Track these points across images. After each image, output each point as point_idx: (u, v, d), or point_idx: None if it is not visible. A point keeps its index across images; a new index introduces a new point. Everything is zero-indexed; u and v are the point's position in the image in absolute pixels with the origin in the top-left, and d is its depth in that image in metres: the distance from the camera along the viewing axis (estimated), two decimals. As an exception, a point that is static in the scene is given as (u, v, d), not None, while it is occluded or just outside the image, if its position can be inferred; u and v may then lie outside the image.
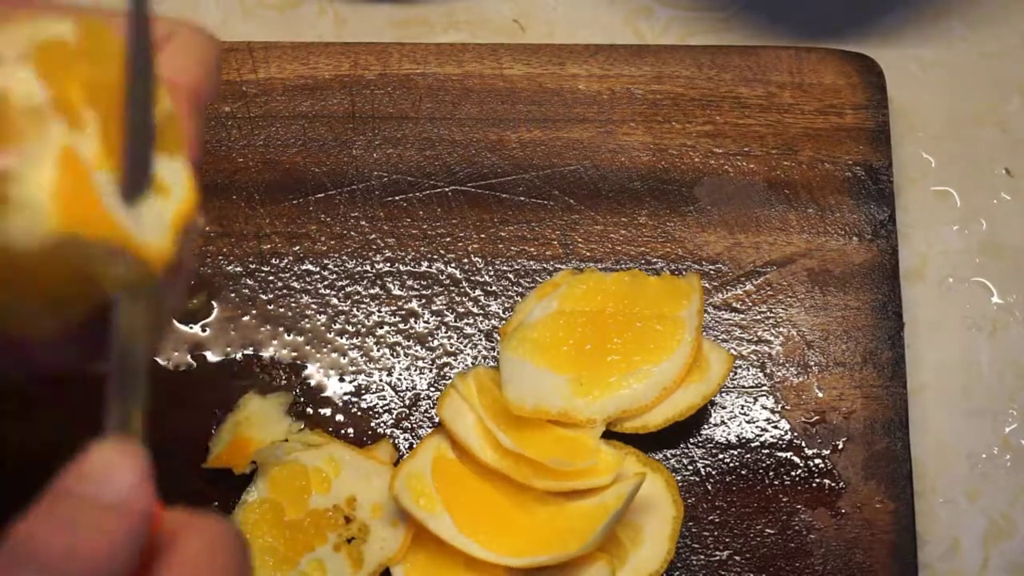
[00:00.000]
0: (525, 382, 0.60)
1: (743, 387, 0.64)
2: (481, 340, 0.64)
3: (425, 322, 0.64)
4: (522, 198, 0.67)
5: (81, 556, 0.32)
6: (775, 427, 0.63)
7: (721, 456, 0.62)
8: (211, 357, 0.64)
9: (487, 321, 0.64)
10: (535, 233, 0.66)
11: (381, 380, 0.63)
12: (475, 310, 0.64)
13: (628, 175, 0.68)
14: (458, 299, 0.65)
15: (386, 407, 0.63)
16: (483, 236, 0.66)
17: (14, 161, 0.36)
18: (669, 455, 0.62)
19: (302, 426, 0.62)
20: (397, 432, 0.63)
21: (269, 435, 0.61)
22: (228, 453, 0.60)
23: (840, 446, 0.63)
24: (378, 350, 0.64)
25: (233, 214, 0.66)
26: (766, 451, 0.62)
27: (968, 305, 0.68)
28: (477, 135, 0.68)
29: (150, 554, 0.35)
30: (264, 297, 0.65)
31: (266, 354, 0.64)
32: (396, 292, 0.64)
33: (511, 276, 0.65)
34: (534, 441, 0.59)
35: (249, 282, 0.65)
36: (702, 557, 0.61)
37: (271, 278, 0.65)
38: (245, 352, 0.64)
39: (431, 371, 0.64)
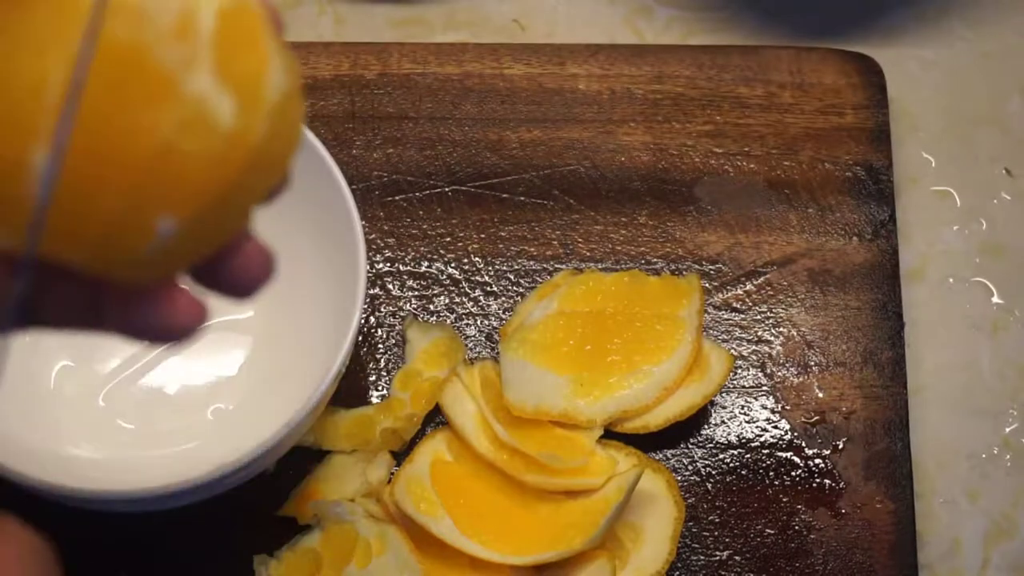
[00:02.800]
0: (526, 383, 0.60)
1: (743, 387, 0.64)
2: (481, 341, 0.64)
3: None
4: (522, 198, 0.67)
5: None
6: (775, 427, 0.63)
7: (721, 456, 0.62)
8: (211, 357, 0.64)
9: (487, 322, 0.64)
10: (535, 233, 0.66)
11: (382, 382, 0.63)
12: (475, 311, 0.64)
13: (628, 175, 0.68)
14: (458, 299, 0.64)
15: (386, 407, 0.63)
16: (483, 236, 0.66)
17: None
18: (669, 455, 0.62)
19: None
20: (397, 432, 0.63)
21: (339, 491, 0.60)
22: (297, 502, 0.60)
23: (840, 446, 0.63)
24: (379, 352, 0.64)
25: (233, 214, 0.66)
26: (766, 451, 0.62)
27: (968, 305, 0.68)
28: (477, 135, 0.68)
29: None
30: (264, 297, 0.65)
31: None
32: (396, 292, 0.64)
33: (511, 276, 0.65)
34: (531, 437, 0.59)
35: (249, 282, 0.65)
36: (702, 557, 0.61)
37: (271, 278, 0.65)
38: (245, 352, 0.64)
39: (431, 371, 0.64)
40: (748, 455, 0.62)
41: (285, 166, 0.36)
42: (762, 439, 0.63)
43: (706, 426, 0.63)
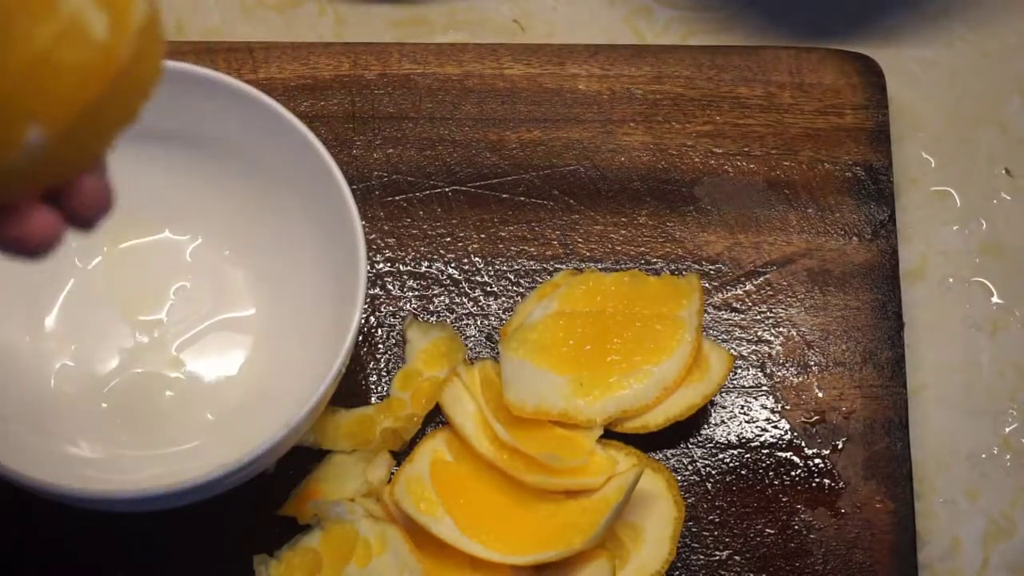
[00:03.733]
0: (525, 383, 0.60)
1: (743, 387, 0.64)
2: (481, 341, 0.64)
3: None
4: (522, 198, 0.67)
5: None
6: (775, 427, 0.63)
7: (721, 456, 0.62)
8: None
9: (487, 322, 0.64)
10: (535, 233, 0.66)
11: (382, 382, 0.63)
12: (475, 311, 0.64)
13: (628, 175, 0.68)
14: (458, 299, 0.65)
15: (386, 407, 0.63)
16: (483, 236, 0.66)
17: None
18: (669, 455, 0.62)
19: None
20: (397, 432, 0.63)
21: (339, 491, 0.60)
22: (297, 502, 0.60)
23: (840, 446, 0.63)
24: (379, 352, 0.64)
25: (233, 214, 0.66)
26: (766, 451, 0.62)
27: (968, 305, 0.68)
28: (477, 135, 0.68)
29: None
30: (264, 297, 0.65)
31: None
32: (396, 292, 0.64)
33: (511, 276, 0.65)
34: (531, 437, 0.59)
35: (249, 282, 0.65)
36: (702, 557, 0.61)
37: (271, 278, 0.65)
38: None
39: (431, 371, 0.64)
40: (748, 455, 0.62)
41: (148, 90, 0.38)
42: (762, 439, 0.63)
43: (706, 426, 0.63)
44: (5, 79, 0.33)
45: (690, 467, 0.62)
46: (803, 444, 0.63)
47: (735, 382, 0.64)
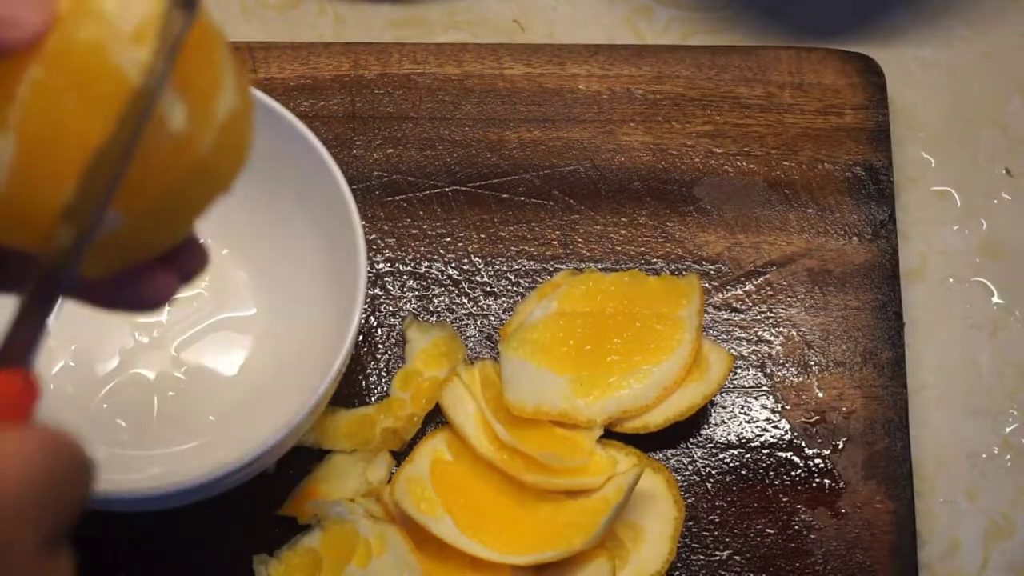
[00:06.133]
0: (525, 383, 0.60)
1: (743, 387, 0.64)
2: (481, 341, 0.64)
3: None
4: (522, 198, 0.67)
5: None
6: (775, 427, 0.63)
7: (721, 456, 0.62)
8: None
9: (487, 321, 0.64)
10: (535, 233, 0.66)
11: (382, 382, 0.63)
12: (475, 311, 0.64)
13: (628, 175, 0.68)
14: (458, 299, 0.65)
15: (386, 407, 0.63)
16: (483, 236, 0.66)
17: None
18: (669, 455, 0.62)
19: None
20: (397, 432, 0.63)
21: (339, 491, 0.60)
22: (297, 502, 0.60)
23: (840, 446, 0.63)
24: (379, 352, 0.64)
25: (233, 214, 0.66)
26: (766, 451, 0.62)
27: (968, 305, 0.68)
28: (477, 135, 0.68)
29: None
30: (264, 297, 0.65)
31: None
32: (396, 292, 0.64)
33: (511, 276, 0.65)
34: (531, 437, 0.60)
35: (249, 282, 0.65)
36: (702, 557, 0.61)
37: (271, 278, 0.65)
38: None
39: (431, 371, 0.64)
40: (748, 455, 0.62)
41: (229, 181, 0.37)
42: (762, 439, 0.63)
43: (706, 426, 0.63)
44: (79, 163, 0.33)
45: (690, 467, 0.62)
46: (803, 444, 0.63)
47: (735, 382, 0.64)
